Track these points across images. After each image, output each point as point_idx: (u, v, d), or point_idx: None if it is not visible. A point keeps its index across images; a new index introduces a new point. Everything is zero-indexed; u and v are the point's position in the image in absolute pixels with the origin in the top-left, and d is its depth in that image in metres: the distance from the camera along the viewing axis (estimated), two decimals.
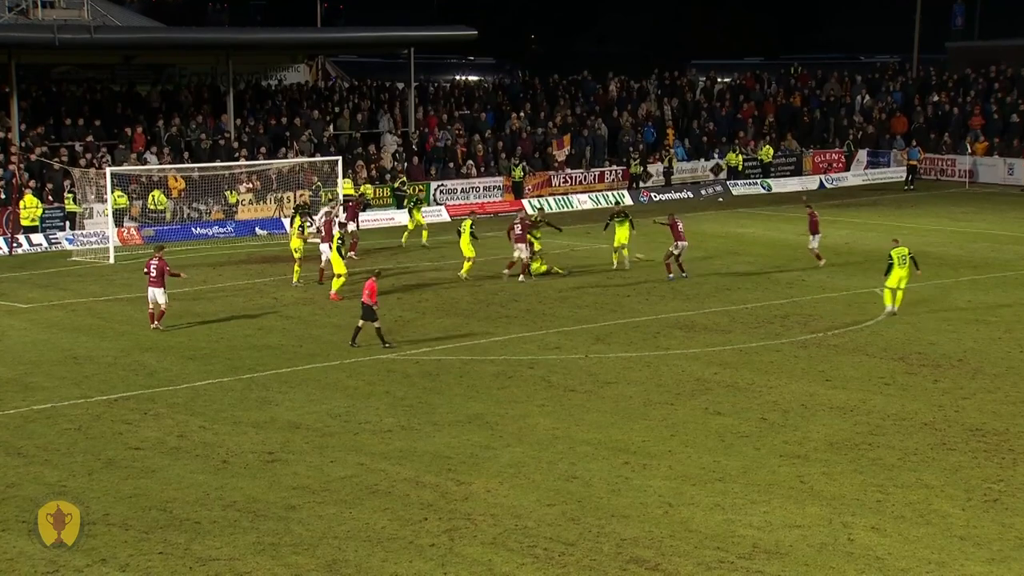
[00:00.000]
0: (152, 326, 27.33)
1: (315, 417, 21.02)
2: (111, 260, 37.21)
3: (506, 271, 33.24)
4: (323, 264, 32.29)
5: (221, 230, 42.97)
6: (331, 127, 50.56)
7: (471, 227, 33.52)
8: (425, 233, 39.56)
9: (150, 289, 27.34)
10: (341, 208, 37.57)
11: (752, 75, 66.68)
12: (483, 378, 23.48)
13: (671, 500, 16.99)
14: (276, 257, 37.60)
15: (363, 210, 41.26)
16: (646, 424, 20.46)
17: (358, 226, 38.23)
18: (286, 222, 38.29)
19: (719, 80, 66.64)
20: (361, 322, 25.58)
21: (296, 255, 32.80)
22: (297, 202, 39.34)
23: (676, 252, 32.80)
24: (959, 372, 23.57)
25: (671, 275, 32.77)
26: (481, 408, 21.45)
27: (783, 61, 75.95)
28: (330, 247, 31.28)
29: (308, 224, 33.99)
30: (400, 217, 45.59)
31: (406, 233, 39.62)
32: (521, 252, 32.97)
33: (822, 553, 15.22)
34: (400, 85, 55.68)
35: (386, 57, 75.54)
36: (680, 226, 32.88)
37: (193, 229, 42.67)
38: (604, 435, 19.88)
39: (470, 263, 33.31)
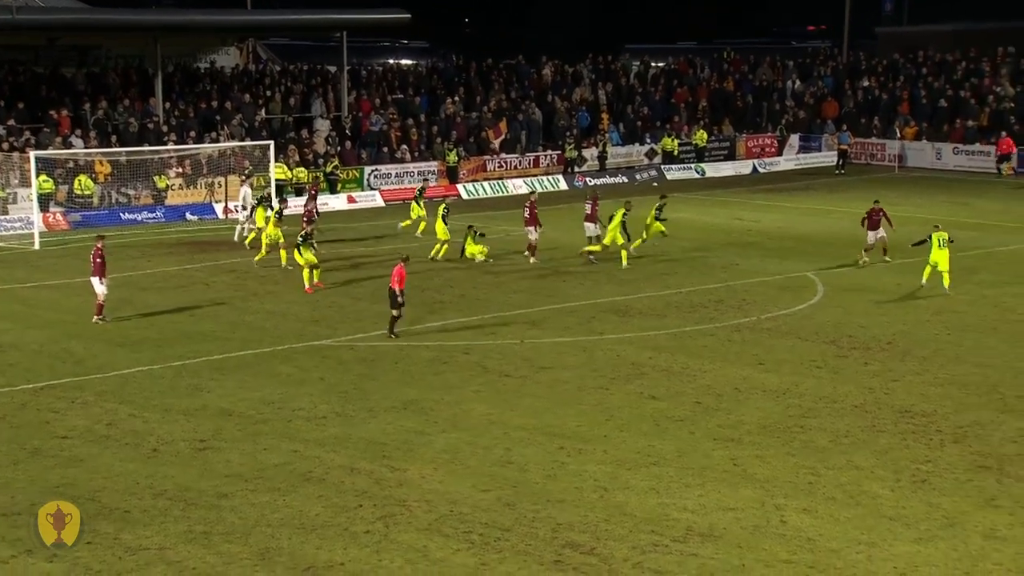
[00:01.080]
0: (94, 319, 26.54)
1: (248, 404, 20.77)
2: (36, 246, 36.49)
3: (528, 256, 33.26)
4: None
5: (150, 215, 42.32)
6: (263, 111, 49.98)
7: (443, 211, 33.71)
8: (423, 224, 37.34)
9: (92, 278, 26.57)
10: (250, 193, 37.40)
11: (685, 60, 67.09)
12: (418, 364, 23.36)
13: (606, 484, 17.02)
14: (207, 243, 37.13)
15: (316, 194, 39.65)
16: (581, 409, 20.48)
17: (316, 211, 36.79)
18: (243, 215, 37.37)
19: (653, 65, 66.93)
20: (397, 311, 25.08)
21: (269, 241, 32.70)
22: (242, 186, 38.79)
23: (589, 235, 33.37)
24: (888, 355, 23.89)
25: (592, 258, 33.05)
26: (416, 394, 21.34)
27: (716, 46, 76.46)
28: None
29: (266, 211, 33.73)
30: (334, 202, 45.29)
31: (421, 224, 37.31)
32: (531, 234, 33.20)
33: (755, 535, 15.34)
34: (333, 69, 55.18)
35: (318, 40, 74.77)
36: (590, 208, 33.58)
37: (121, 214, 41.97)
38: (539, 420, 19.87)
39: (446, 247, 33.44)
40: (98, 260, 26.42)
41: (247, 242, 35.33)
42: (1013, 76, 58.83)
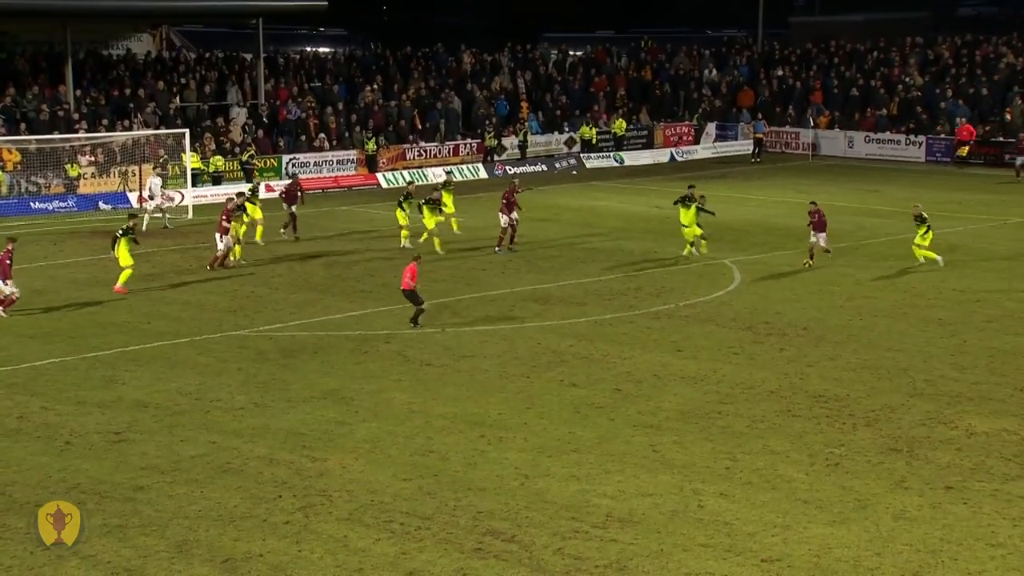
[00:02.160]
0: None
1: (164, 396, 20.49)
2: None
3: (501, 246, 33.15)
4: (221, 252, 31.01)
5: (62, 204, 41.49)
6: (177, 99, 49.22)
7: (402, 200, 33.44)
8: (455, 221, 35.81)
9: None
10: (158, 183, 36.88)
11: (603, 48, 67.36)
12: (338, 353, 23.23)
13: (527, 472, 17.10)
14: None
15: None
16: (502, 397, 20.54)
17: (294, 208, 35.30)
18: (150, 204, 36.68)
19: (571, 53, 67.11)
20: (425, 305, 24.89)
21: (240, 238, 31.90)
22: (151, 176, 38.24)
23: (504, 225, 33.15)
24: (803, 340, 24.29)
25: (498, 248, 33.00)
26: (336, 384, 21.23)
27: (633, 35, 76.92)
28: (223, 237, 30.52)
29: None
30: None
31: (453, 221, 35.74)
32: (503, 221, 33.01)
33: (673, 520, 15.53)
34: (249, 56, 54.49)
35: (234, 27, 73.72)
36: (507, 199, 33.13)
37: (32, 203, 41.08)
38: (460, 409, 19.89)
39: (407, 232, 33.47)
40: (7, 262, 25.81)
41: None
42: (921, 66, 60.08)
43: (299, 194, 35.63)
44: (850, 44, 63.65)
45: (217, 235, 30.87)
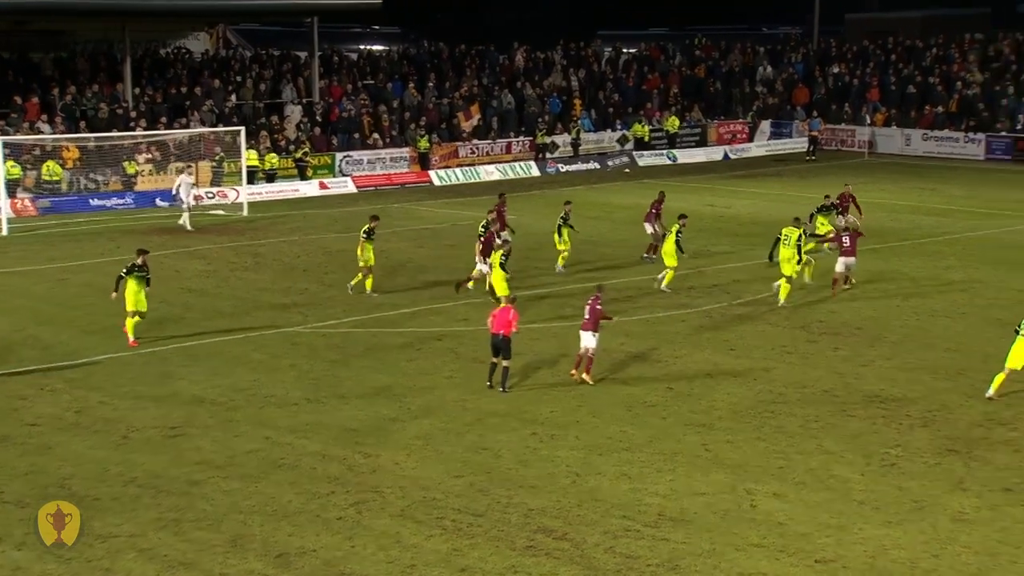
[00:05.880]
0: None
1: (219, 391, 20.68)
2: (4, 232, 36.16)
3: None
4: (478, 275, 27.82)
5: (120, 201, 42.00)
6: (233, 97, 49.65)
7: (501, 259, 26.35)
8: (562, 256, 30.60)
9: None
10: (188, 182, 37.03)
11: (657, 46, 67.09)
12: (390, 350, 23.32)
13: (579, 470, 17.07)
14: (177, 229, 36.86)
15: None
16: (554, 395, 20.51)
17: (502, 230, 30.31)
18: (184, 204, 36.83)
19: (624, 51, 66.89)
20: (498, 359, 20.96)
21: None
22: (180, 174, 38.06)
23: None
24: (859, 340, 24.03)
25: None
26: (388, 380, 21.31)
27: (687, 32, 76.52)
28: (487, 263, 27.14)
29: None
30: (304, 188, 45.17)
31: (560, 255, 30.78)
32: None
33: (725, 519, 15.43)
34: (303, 55, 54.87)
35: (289, 26, 74.30)
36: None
37: (90, 200, 41.62)
38: (512, 406, 19.88)
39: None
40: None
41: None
42: (981, 62, 59.19)
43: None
44: (908, 40, 62.88)
45: (478, 257, 27.86)
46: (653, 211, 32.18)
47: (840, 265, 27.87)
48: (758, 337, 24.21)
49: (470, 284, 27.98)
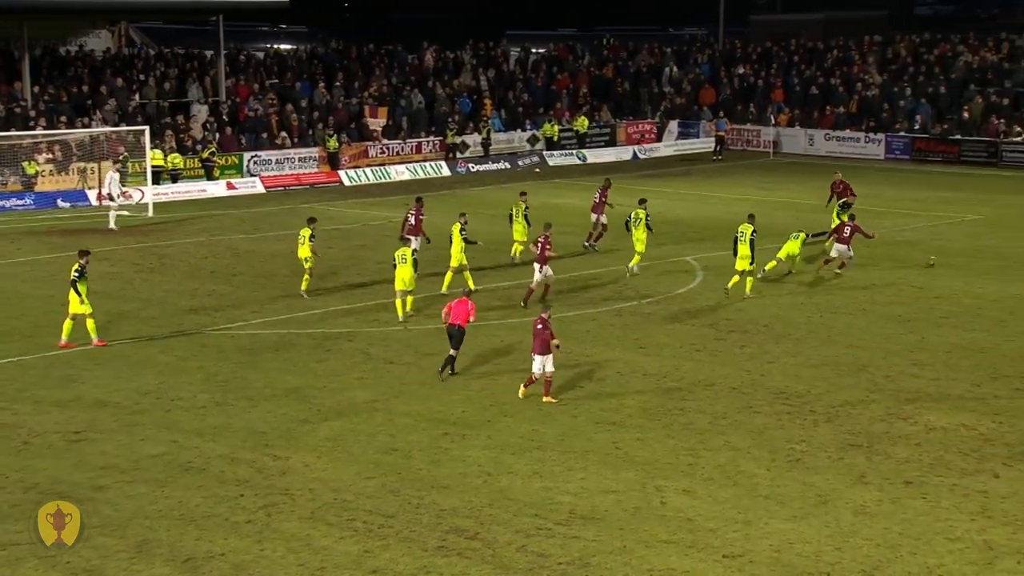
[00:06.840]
0: None
1: (124, 395, 20.32)
2: None
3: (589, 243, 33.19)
4: (534, 284, 27.03)
5: (19, 202, 41.04)
6: (137, 96, 48.80)
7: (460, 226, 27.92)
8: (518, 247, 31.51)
9: None
10: (116, 179, 36.46)
11: (565, 46, 67.42)
12: (300, 351, 23.13)
13: (490, 470, 17.10)
14: (80, 230, 36.13)
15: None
16: (466, 395, 20.52)
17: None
18: (114, 203, 35.97)
19: (533, 51, 67.16)
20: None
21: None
22: (111, 171, 37.68)
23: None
24: (765, 337, 24.44)
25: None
26: (298, 382, 21.13)
27: (595, 32, 77.06)
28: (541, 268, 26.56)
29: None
30: (212, 189, 44.57)
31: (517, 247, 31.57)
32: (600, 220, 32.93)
33: (636, 516, 15.58)
34: (209, 53, 54.09)
35: (194, 24, 73.19)
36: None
37: None
38: (423, 407, 19.86)
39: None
40: None
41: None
42: (880, 64, 60.55)
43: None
44: (810, 42, 64.08)
45: (536, 265, 27.07)
46: (599, 199, 33.06)
47: (834, 251, 30.31)
48: (667, 335, 24.49)
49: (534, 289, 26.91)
